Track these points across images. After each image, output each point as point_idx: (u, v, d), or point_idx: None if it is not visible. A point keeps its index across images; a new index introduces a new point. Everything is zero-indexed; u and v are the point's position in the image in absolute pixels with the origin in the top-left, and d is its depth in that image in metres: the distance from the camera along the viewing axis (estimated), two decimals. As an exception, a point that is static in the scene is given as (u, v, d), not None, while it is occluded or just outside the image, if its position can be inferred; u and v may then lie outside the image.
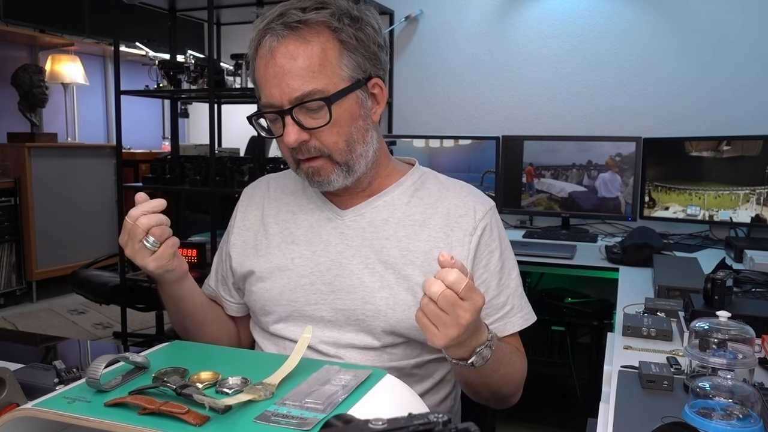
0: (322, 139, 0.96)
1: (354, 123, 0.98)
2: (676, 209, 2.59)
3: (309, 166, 0.99)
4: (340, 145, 0.97)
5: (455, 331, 0.80)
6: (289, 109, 0.93)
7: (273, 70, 0.93)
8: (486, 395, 1.01)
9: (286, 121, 0.94)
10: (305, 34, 0.93)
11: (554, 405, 2.70)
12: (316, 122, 0.94)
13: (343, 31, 0.94)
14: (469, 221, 1.04)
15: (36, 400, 0.70)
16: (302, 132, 0.95)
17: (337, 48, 0.94)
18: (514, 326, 1.06)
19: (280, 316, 1.06)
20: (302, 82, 0.92)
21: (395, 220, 1.04)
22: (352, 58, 0.96)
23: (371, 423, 0.47)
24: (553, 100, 3.05)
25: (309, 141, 0.96)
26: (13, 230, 4.17)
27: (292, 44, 0.93)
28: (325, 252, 1.04)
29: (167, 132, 4.94)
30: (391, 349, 1.01)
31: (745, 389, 0.77)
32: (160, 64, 3.03)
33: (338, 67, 0.94)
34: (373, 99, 1.01)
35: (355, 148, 0.98)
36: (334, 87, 0.94)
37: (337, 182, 0.99)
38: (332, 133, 0.96)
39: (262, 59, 0.95)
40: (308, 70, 0.92)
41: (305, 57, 0.92)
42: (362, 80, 0.98)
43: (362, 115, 0.99)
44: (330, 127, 0.95)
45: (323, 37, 0.93)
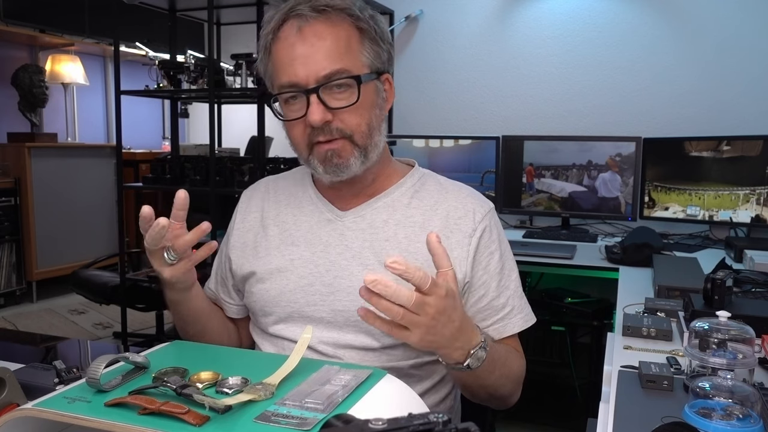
0: (345, 119, 0.97)
1: (373, 110, 1.00)
2: (676, 209, 2.59)
3: (329, 148, 0.98)
4: (362, 128, 0.98)
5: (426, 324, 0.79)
6: (315, 87, 0.94)
7: (300, 50, 0.94)
8: (484, 396, 1.01)
9: (311, 100, 0.94)
10: (332, 18, 0.96)
11: (554, 405, 2.70)
12: (340, 102, 0.96)
13: (363, 21, 0.98)
14: (468, 223, 1.04)
15: (36, 400, 0.70)
16: (327, 112, 0.95)
17: (359, 36, 0.98)
18: (514, 327, 1.06)
19: (280, 317, 1.06)
20: (330, 62, 0.94)
21: (395, 222, 1.04)
22: (372, 47, 0.99)
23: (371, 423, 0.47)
24: (553, 100, 3.05)
25: (332, 122, 0.96)
26: (13, 230, 4.17)
27: (320, 26, 0.95)
28: (324, 253, 1.04)
29: (167, 132, 4.93)
30: (390, 350, 1.01)
31: (745, 389, 0.77)
32: (160, 64, 3.03)
33: (360, 53, 0.97)
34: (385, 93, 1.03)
35: (373, 134, 1.00)
36: (358, 71, 0.96)
37: (355, 166, 0.99)
38: (356, 115, 0.97)
39: (286, 40, 0.96)
40: (336, 51, 0.95)
41: (333, 38, 0.95)
42: (379, 71, 1.00)
43: (379, 104, 1.02)
44: (354, 108, 0.96)
45: (346, 23, 0.97)
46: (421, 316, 0.79)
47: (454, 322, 0.84)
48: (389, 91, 1.04)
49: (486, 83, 3.17)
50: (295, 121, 0.98)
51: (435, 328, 0.81)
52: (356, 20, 0.97)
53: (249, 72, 2.86)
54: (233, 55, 2.94)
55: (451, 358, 0.87)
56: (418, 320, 0.79)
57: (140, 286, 3.05)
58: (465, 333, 0.86)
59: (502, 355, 0.98)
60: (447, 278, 0.82)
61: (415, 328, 0.80)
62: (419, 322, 0.79)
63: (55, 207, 4.39)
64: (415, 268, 0.77)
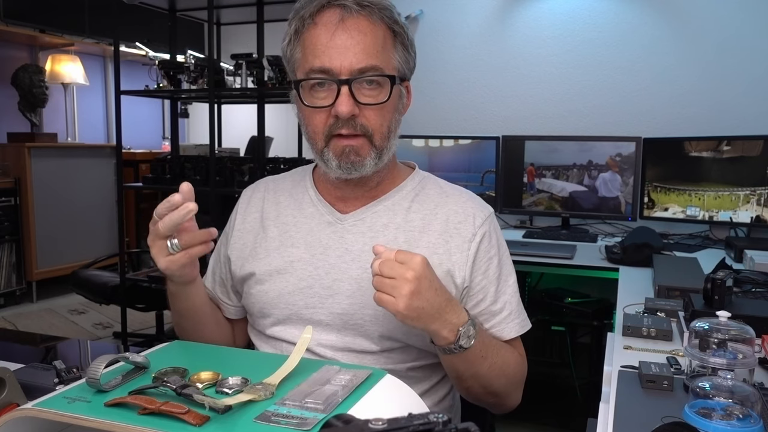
0: (370, 117, 0.98)
1: (395, 113, 1.02)
2: (676, 210, 2.59)
3: (349, 144, 0.98)
4: (383, 129, 0.99)
5: (407, 287, 0.85)
6: (348, 79, 0.95)
7: (340, 39, 0.95)
8: (478, 391, 1.01)
9: (341, 91, 0.94)
10: (373, 15, 0.97)
11: (554, 405, 2.70)
12: (368, 98, 0.97)
13: (398, 25, 1.00)
14: (468, 228, 1.05)
15: (36, 400, 0.70)
16: (355, 105, 0.96)
17: (392, 38, 1.00)
18: (511, 332, 1.06)
19: (278, 318, 1.05)
20: (367, 57, 0.95)
21: (395, 226, 1.04)
22: (402, 52, 1.01)
23: (371, 423, 0.47)
24: (553, 100, 3.05)
25: (358, 116, 0.97)
26: (13, 230, 4.17)
27: (364, 21, 0.96)
28: (324, 256, 1.04)
29: (167, 132, 4.94)
30: (388, 353, 1.01)
31: (745, 389, 0.77)
32: (160, 64, 3.03)
33: (393, 56, 1.00)
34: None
35: (390, 137, 1.01)
36: (390, 71, 0.98)
37: (368, 166, 1.00)
38: (380, 115, 0.98)
39: (326, 27, 0.96)
40: (374, 47, 0.96)
41: (373, 35, 0.96)
42: (404, 77, 1.03)
43: (399, 109, 1.04)
44: (380, 107, 0.97)
45: (384, 24, 0.98)
46: (397, 279, 0.85)
47: (438, 293, 0.89)
48: (407, 98, 1.06)
49: (486, 83, 3.17)
50: (318, 109, 0.97)
51: (420, 293, 0.86)
52: (393, 23, 0.99)
53: (249, 72, 2.86)
54: (233, 55, 2.94)
55: (441, 335, 0.90)
56: (394, 283, 0.85)
57: (140, 286, 3.06)
58: (452, 308, 0.91)
59: (494, 343, 1.00)
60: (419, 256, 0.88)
61: (394, 291, 0.86)
62: (395, 284, 0.85)
63: (55, 207, 4.39)
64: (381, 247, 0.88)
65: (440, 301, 0.89)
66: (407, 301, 0.85)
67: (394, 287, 0.85)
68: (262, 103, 3.31)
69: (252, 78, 2.85)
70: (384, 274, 0.86)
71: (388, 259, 0.86)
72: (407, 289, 0.85)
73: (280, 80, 2.77)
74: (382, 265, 0.86)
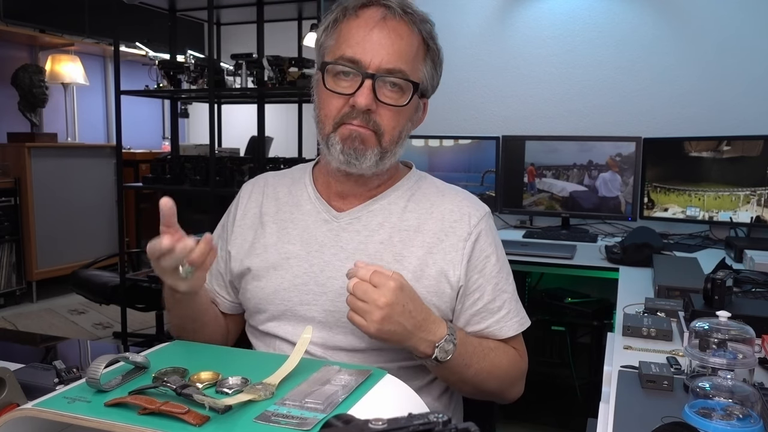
0: (384, 117, 0.99)
1: (408, 122, 1.04)
2: (676, 211, 2.59)
3: (356, 129, 0.99)
4: (394, 132, 1.01)
5: (379, 314, 0.88)
6: (374, 74, 0.96)
7: (378, 36, 0.97)
8: (470, 391, 1.05)
9: (364, 84, 0.96)
10: (413, 24, 1.00)
11: (554, 405, 2.70)
12: (388, 99, 0.98)
13: (433, 41, 1.04)
14: (463, 227, 1.05)
15: (36, 400, 0.70)
16: (374, 101, 0.97)
17: (425, 52, 1.03)
18: (510, 330, 1.06)
19: (273, 314, 1.06)
20: (398, 59, 0.98)
21: (390, 225, 1.05)
22: (430, 68, 1.04)
23: (371, 423, 0.47)
24: (553, 100, 3.05)
25: (373, 113, 0.98)
26: (13, 230, 4.17)
27: (404, 26, 0.99)
28: (319, 253, 1.05)
29: (167, 132, 4.94)
30: (377, 351, 1.02)
31: (745, 389, 0.77)
32: (160, 64, 3.03)
33: (421, 68, 1.02)
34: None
35: (398, 143, 1.03)
36: (416, 80, 1.01)
37: (369, 161, 1.00)
38: (394, 118, 1.00)
39: (367, 21, 0.98)
40: (407, 53, 0.99)
41: (409, 41, 0.99)
42: (423, 92, 1.05)
43: (413, 119, 1.07)
44: (397, 111, 1.00)
45: (421, 36, 1.02)
46: (369, 304, 0.88)
47: (412, 315, 0.91)
48: (423, 114, 1.09)
49: (486, 83, 3.17)
50: (336, 95, 0.99)
51: (391, 318, 0.88)
52: (429, 38, 1.02)
53: (249, 72, 2.86)
54: (233, 55, 2.94)
55: (419, 350, 0.94)
56: (366, 307, 0.88)
57: (140, 286, 3.06)
58: (428, 326, 0.93)
59: (478, 349, 1.00)
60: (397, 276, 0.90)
61: (366, 315, 0.88)
62: (367, 309, 0.88)
63: (55, 207, 4.39)
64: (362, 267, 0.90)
65: (414, 323, 0.91)
66: (378, 326, 0.88)
67: (366, 312, 0.88)
68: (262, 103, 3.31)
69: (252, 78, 2.85)
70: (357, 296, 0.88)
71: (363, 280, 0.88)
72: (378, 315, 0.88)
73: (280, 80, 2.77)
74: (356, 287, 0.88)
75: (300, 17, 3.44)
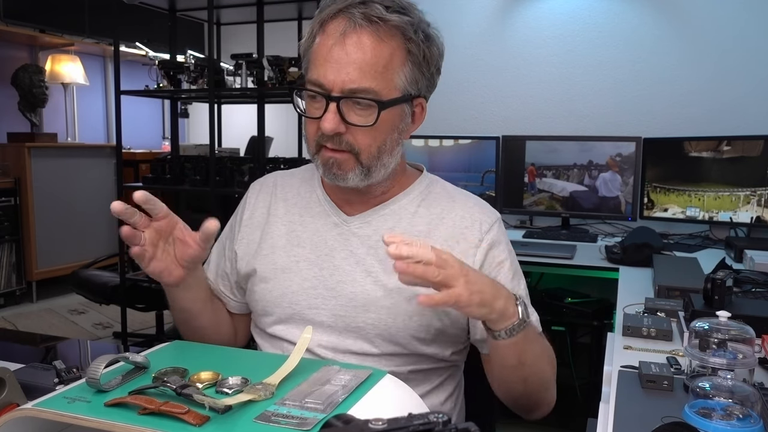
0: (357, 137, 0.95)
1: (391, 134, 0.98)
2: (675, 211, 2.58)
3: (332, 156, 0.97)
4: (371, 150, 0.97)
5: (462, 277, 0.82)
6: (338, 96, 0.92)
7: (337, 54, 0.92)
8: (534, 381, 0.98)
9: (329, 108, 0.93)
10: (381, 32, 0.92)
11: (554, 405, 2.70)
12: (358, 119, 0.94)
13: (414, 43, 0.95)
14: (475, 233, 1.04)
15: (36, 400, 0.70)
16: (341, 123, 0.94)
17: (403, 57, 0.95)
18: None
19: (280, 317, 1.05)
20: (361, 77, 0.91)
21: (400, 230, 1.04)
22: (413, 72, 0.96)
23: (371, 423, 0.47)
24: (553, 100, 3.05)
25: (344, 134, 0.95)
26: (13, 230, 4.17)
27: (367, 37, 0.92)
28: (329, 257, 1.04)
29: (167, 132, 4.94)
30: (389, 357, 1.01)
31: (745, 389, 0.77)
32: (160, 64, 3.03)
33: (397, 76, 0.95)
34: (412, 117, 1.02)
35: (382, 156, 0.98)
36: (387, 93, 0.94)
37: (353, 180, 0.98)
38: (368, 136, 0.96)
39: (329, 38, 0.93)
40: (371, 68, 0.92)
41: (374, 54, 0.92)
42: (412, 96, 0.98)
43: (400, 128, 1.00)
44: (369, 129, 0.94)
45: (395, 41, 0.93)
46: (449, 269, 0.81)
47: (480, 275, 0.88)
48: (419, 115, 1.03)
49: (486, 83, 3.17)
50: (312, 119, 0.97)
51: (470, 277, 0.83)
52: (407, 41, 0.94)
53: (249, 72, 2.86)
54: (233, 55, 2.94)
55: (509, 313, 0.88)
56: (452, 272, 0.82)
57: (140, 286, 3.06)
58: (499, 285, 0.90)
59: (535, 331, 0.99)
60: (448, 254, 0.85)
61: (454, 281, 0.82)
62: (454, 273, 0.82)
63: (55, 207, 4.39)
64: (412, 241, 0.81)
65: (489, 281, 0.88)
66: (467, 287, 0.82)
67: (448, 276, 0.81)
68: (262, 103, 3.31)
69: (252, 78, 2.85)
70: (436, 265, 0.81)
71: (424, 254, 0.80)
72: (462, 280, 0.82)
73: (280, 80, 2.77)
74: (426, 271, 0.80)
75: (300, 17, 3.44)
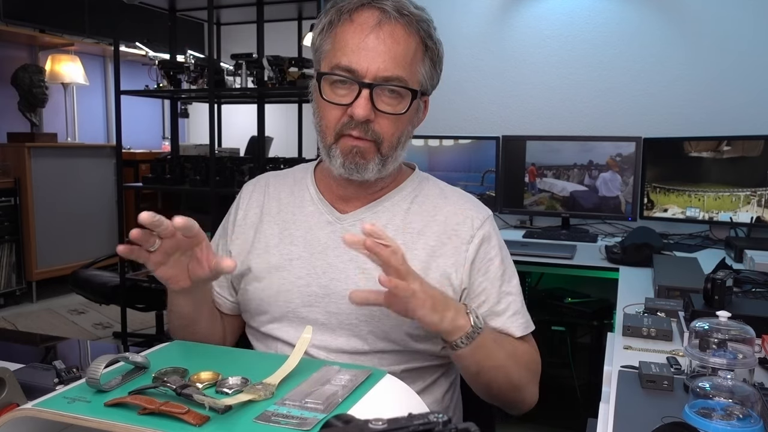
0: (383, 125, 0.98)
1: (408, 125, 1.03)
2: (675, 211, 2.58)
3: (356, 144, 0.98)
4: (393, 138, 1.00)
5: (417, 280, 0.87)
6: (371, 83, 0.94)
7: (373, 42, 0.94)
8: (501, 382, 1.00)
9: (362, 94, 0.94)
10: (410, 26, 0.97)
11: (554, 405, 2.70)
12: (387, 107, 0.97)
13: (432, 40, 1.00)
14: (466, 230, 1.05)
15: (36, 400, 0.70)
16: (372, 110, 0.96)
17: (423, 52, 1.00)
18: (516, 331, 1.06)
19: (274, 316, 1.05)
20: (395, 66, 0.95)
21: (394, 227, 1.05)
22: (430, 68, 1.01)
23: (371, 423, 0.47)
24: (553, 99, 3.05)
25: (372, 122, 0.97)
26: (13, 230, 4.17)
27: (400, 29, 0.96)
28: (322, 255, 1.04)
29: (167, 132, 4.94)
30: (381, 354, 1.01)
31: (745, 389, 0.77)
32: (160, 64, 3.03)
33: (419, 70, 0.99)
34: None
35: (399, 147, 1.02)
36: (414, 84, 0.98)
37: (372, 171, 1.00)
38: (393, 125, 0.99)
39: (361, 26, 0.95)
40: (404, 58, 0.96)
41: (406, 45, 0.96)
42: (423, 92, 1.02)
43: (414, 122, 1.05)
44: (396, 118, 0.98)
45: (419, 37, 0.98)
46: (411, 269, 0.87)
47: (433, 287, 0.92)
48: (423, 112, 1.07)
49: (486, 83, 3.17)
50: (335, 105, 0.97)
51: (424, 283, 0.89)
52: (427, 38, 0.99)
53: (249, 72, 2.86)
54: (233, 55, 2.94)
55: (459, 324, 0.91)
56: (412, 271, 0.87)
57: (140, 286, 3.06)
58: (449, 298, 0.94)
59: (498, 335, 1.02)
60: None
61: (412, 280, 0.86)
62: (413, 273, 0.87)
63: (55, 207, 4.39)
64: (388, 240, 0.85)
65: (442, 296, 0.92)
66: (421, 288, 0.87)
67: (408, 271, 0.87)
68: (262, 103, 3.31)
69: (252, 78, 2.85)
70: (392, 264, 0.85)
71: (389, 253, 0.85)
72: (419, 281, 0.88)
73: (280, 80, 2.77)
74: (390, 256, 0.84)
75: (300, 17, 3.44)
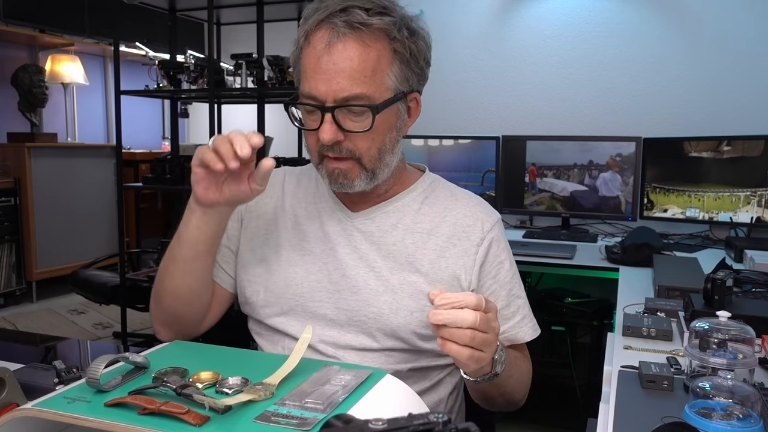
0: (356, 142, 0.96)
1: (389, 133, 0.99)
2: (675, 211, 2.58)
3: (336, 166, 0.98)
4: (372, 152, 0.97)
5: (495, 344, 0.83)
6: (332, 107, 0.93)
7: (326, 65, 0.92)
8: (500, 403, 1.02)
9: (325, 118, 0.93)
10: (365, 37, 0.92)
11: (554, 405, 2.70)
12: (355, 125, 0.94)
13: (399, 41, 0.95)
14: (476, 232, 1.05)
15: (36, 400, 0.70)
16: (339, 132, 0.94)
17: (390, 57, 0.95)
18: (525, 336, 1.07)
19: (282, 309, 1.05)
20: (352, 84, 0.92)
21: (404, 227, 1.05)
22: (402, 70, 0.96)
23: (371, 423, 0.46)
24: (553, 99, 3.05)
25: (343, 142, 0.96)
26: (13, 230, 4.17)
27: (351, 44, 0.92)
28: (333, 252, 1.05)
29: (167, 132, 4.93)
30: (389, 352, 1.02)
31: (745, 389, 0.77)
32: (160, 64, 3.03)
33: (387, 77, 0.95)
34: (408, 112, 1.03)
35: (384, 156, 0.99)
36: (380, 96, 0.94)
37: (359, 186, 0.99)
38: (367, 140, 0.96)
39: (315, 50, 0.93)
40: (361, 74, 0.92)
41: (360, 60, 0.92)
42: (405, 93, 0.99)
43: (397, 126, 1.00)
44: (368, 133, 0.95)
45: (380, 44, 0.94)
46: (489, 334, 0.80)
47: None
48: (414, 109, 1.03)
49: (486, 83, 3.17)
50: (310, 131, 0.97)
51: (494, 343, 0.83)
52: (392, 41, 0.94)
53: (249, 72, 2.86)
54: (233, 55, 2.94)
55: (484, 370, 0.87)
56: (488, 338, 0.80)
57: (140, 286, 3.05)
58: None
59: (513, 357, 0.99)
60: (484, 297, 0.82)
61: (486, 348, 0.81)
62: (489, 339, 0.81)
63: (55, 207, 4.39)
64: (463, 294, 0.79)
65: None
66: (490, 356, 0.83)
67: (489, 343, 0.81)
68: (262, 103, 3.31)
69: (252, 78, 2.85)
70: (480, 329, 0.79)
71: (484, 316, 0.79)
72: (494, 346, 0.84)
73: (280, 80, 2.77)
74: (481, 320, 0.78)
75: (300, 17, 3.44)
